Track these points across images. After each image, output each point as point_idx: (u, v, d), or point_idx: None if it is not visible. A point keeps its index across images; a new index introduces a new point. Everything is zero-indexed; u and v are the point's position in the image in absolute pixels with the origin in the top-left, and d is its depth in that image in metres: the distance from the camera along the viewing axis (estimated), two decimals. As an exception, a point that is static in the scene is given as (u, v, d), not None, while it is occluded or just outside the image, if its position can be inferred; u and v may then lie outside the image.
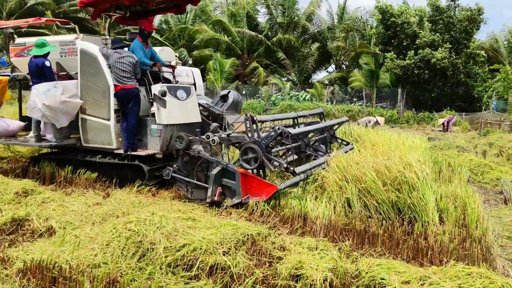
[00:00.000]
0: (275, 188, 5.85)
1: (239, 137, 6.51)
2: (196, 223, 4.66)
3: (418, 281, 3.51)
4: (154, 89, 7.00)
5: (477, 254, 4.34)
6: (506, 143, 14.51)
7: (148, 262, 3.92)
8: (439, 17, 28.62)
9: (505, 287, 3.27)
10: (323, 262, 3.81)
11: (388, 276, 3.60)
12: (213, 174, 6.08)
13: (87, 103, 7.31)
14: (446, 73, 27.86)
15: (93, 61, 7.15)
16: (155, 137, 7.11)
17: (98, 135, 7.29)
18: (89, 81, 7.24)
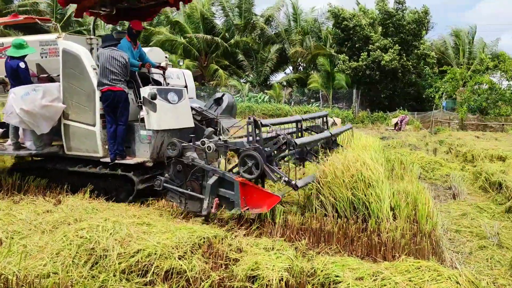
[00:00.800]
0: (278, 199, 5.31)
1: (238, 143, 5.85)
2: (151, 228, 4.58)
3: (371, 277, 3.59)
4: (143, 91, 6.53)
5: (427, 248, 4.49)
6: (455, 141, 15.15)
7: (101, 269, 3.81)
8: (389, 20, 29.55)
9: (452, 279, 3.40)
10: (279, 262, 3.84)
11: (342, 273, 3.67)
12: (210, 184, 5.48)
13: (70, 108, 6.78)
14: (397, 74, 28.79)
15: (77, 61, 6.62)
16: (144, 143, 6.63)
17: (82, 142, 6.78)
18: (72, 84, 6.72)
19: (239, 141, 5.92)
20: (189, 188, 5.76)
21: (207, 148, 5.68)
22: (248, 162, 5.44)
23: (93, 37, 7.47)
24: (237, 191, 5.36)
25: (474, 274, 3.64)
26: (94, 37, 7.46)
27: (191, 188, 5.75)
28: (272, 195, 5.36)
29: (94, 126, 6.62)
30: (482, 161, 10.47)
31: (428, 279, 3.47)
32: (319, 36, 35.89)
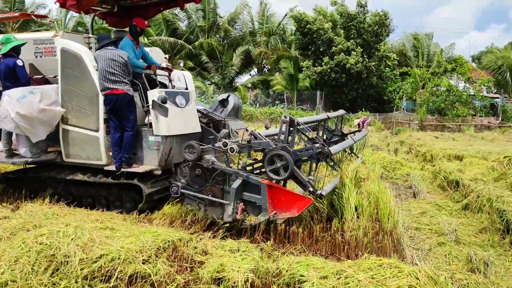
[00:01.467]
0: (310, 201, 4.95)
1: (263, 143, 5.41)
2: (115, 232, 4.49)
3: (335, 275, 3.65)
4: (152, 95, 6.05)
5: (388, 246, 4.62)
6: (415, 141, 15.61)
7: (62, 276, 3.71)
8: (351, 23, 30.15)
9: (412, 275, 3.51)
10: (245, 263, 3.85)
11: (307, 273, 3.71)
12: (234, 188, 5.11)
13: (70, 112, 6.32)
14: (361, 76, 29.41)
15: (78, 62, 6.17)
16: (152, 150, 6.15)
17: (83, 149, 6.31)
18: (73, 86, 6.26)
19: (264, 141, 5.46)
20: (209, 193, 5.40)
21: (230, 149, 5.33)
22: (277, 162, 5.11)
23: (91, 35, 7.05)
24: (264, 194, 5.01)
25: (433, 269, 3.76)
26: (92, 36, 7.01)
27: (212, 194, 5.39)
28: (303, 197, 5.03)
29: (97, 132, 6.19)
30: (440, 160, 10.84)
31: (390, 276, 3.56)
32: (283, 38, 36.22)
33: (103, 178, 6.30)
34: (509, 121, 26.67)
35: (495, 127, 24.91)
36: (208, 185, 5.39)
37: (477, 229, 5.84)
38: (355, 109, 29.79)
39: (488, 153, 10.90)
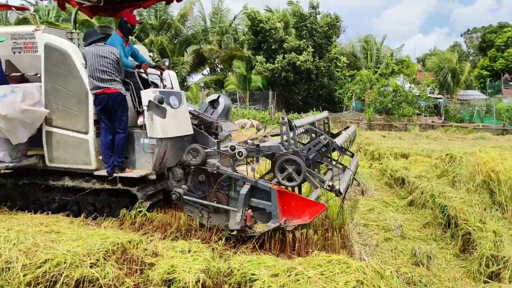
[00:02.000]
0: (323, 207, 4.72)
1: (273, 147, 5.18)
2: (61, 236, 4.35)
3: (286, 273, 3.71)
4: (146, 95, 5.74)
5: (337, 243, 4.74)
6: (364, 140, 16.06)
7: (3, 283, 3.54)
8: (303, 23, 30.64)
9: (359, 270, 3.62)
10: (196, 264, 3.83)
11: (258, 271, 3.74)
12: (243, 194, 4.84)
13: (55, 113, 5.86)
14: (311, 75, 29.94)
15: (64, 59, 5.73)
16: (146, 153, 5.83)
17: (70, 152, 5.86)
18: (58, 85, 5.80)
19: (274, 145, 5.24)
20: (214, 200, 5.09)
21: (238, 153, 5.03)
22: (288, 168, 4.92)
23: (74, 31, 6.53)
24: (275, 200, 4.76)
25: (379, 264, 3.90)
26: (75, 31, 6.51)
27: (216, 200, 5.08)
28: (316, 203, 4.80)
29: (86, 134, 5.75)
30: (387, 158, 11.22)
31: (339, 272, 3.66)
32: (235, 38, 36.25)
33: (96, 184, 5.88)
34: (451, 121, 28.00)
35: (438, 126, 26.10)
36: (213, 191, 5.09)
37: (421, 224, 6.09)
38: (307, 108, 30.28)
39: (431, 151, 11.39)
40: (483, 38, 46.08)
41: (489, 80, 40.55)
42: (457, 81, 35.05)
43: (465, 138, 20.38)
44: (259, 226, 4.91)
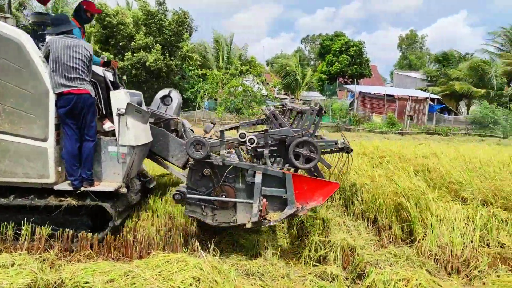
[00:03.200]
0: (337, 186, 4.74)
1: (283, 131, 5.13)
2: None
3: (122, 277, 3.59)
4: (117, 97, 4.97)
5: (179, 241, 4.75)
6: (214, 138, 16.39)
7: None
8: (151, 20, 30.06)
9: (197, 266, 3.68)
10: (20, 278, 3.48)
11: (92, 279, 3.55)
12: (259, 183, 4.60)
13: (0, 115, 4.70)
14: (161, 74, 29.59)
15: (16, 50, 4.61)
16: (114, 163, 5.03)
17: (19, 164, 4.76)
18: (5, 81, 4.65)
19: (284, 129, 5.16)
20: (222, 194, 4.73)
21: (249, 141, 4.79)
22: (303, 150, 4.92)
23: (9, 16, 5.22)
24: (290, 185, 4.63)
25: (218, 259, 4.01)
26: (10, 17, 5.20)
27: (225, 194, 4.73)
28: (330, 183, 4.75)
29: (44, 141, 4.75)
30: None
31: (176, 270, 3.66)
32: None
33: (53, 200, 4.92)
34: (295, 119, 30.26)
35: (284, 124, 28.00)
36: (219, 185, 4.74)
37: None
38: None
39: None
40: (322, 44, 50.72)
41: (326, 83, 44.82)
42: (300, 83, 38.02)
43: (307, 135, 22.19)
44: (273, 215, 4.69)
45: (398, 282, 3.72)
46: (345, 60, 45.87)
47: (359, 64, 46.67)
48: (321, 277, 4.42)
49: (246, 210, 4.80)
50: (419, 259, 4.87)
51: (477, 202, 5.92)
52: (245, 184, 4.77)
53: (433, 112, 34.79)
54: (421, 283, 3.67)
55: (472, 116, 33.63)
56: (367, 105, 34.07)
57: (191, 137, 4.77)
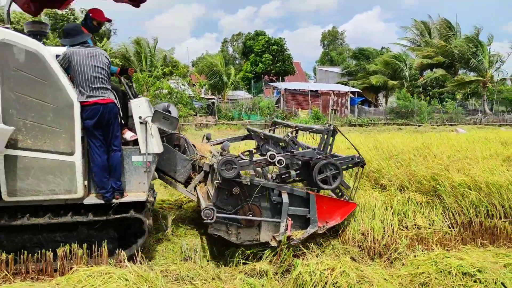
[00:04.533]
0: (354, 206, 5.19)
1: (307, 153, 5.21)
2: None
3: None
4: (139, 105, 4.93)
5: (105, 254, 4.56)
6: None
7: None
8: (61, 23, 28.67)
9: (121, 277, 3.56)
10: None
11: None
12: (286, 203, 4.81)
13: (22, 130, 4.41)
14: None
15: (36, 62, 4.38)
16: (139, 173, 4.95)
17: (44, 180, 4.51)
18: (25, 94, 4.38)
19: (308, 151, 5.29)
20: (249, 213, 4.83)
21: (278, 162, 4.86)
22: (327, 172, 5.06)
23: (9, 26, 4.76)
24: (313, 205, 4.93)
25: (144, 267, 3.91)
26: (9, 27, 4.71)
27: (252, 213, 4.85)
28: (347, 203, 5.18)
29: (71, 155, 4.56)
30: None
31: (100, 284, 3.53)
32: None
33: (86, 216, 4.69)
34: (223, 119, 30.29)
35: (212, 124, 27.93)
36: (248, 203, 4.85)
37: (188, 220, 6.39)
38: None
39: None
40: (244, 44, 51.16)
41: (252, 82, 45.33)
42: (226, 82, 38.11)
43: (236, 134, 22.32)
44: (295, 234, 4.89)
45: (324, 272, 3.84)
46: (268, 60, 46.62)
47: (282, 62, 47.64)
48: (251, 274, 4.46)
49: (269, 228, 4.96)
50: (344, 247, 5.07)
51: (395, 188, 6.26)
52: (270, 203, 4.94)
53: (354, 105, 36.37)
54: (345, 271, 3.83)
55: (390, 107, 35.63)
56: (292, 101, 34.88)
57: (222, 157, 4.79)
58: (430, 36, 43.37)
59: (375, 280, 3.84)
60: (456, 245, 5.36)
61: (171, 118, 5.00)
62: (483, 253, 4.84)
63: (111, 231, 4.87)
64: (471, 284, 3.84)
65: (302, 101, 35.15)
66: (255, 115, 31.15)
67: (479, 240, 5.49)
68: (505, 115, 34.78)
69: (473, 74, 38.54)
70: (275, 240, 4.84)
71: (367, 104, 39.42)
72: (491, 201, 6.08)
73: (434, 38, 42.57)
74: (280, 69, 47.14)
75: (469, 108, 39.59)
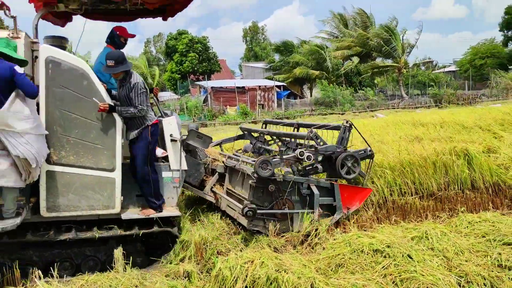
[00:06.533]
0: (370, 191, 5.89)
1: (329, 147, 5.79)
2: None
3: None
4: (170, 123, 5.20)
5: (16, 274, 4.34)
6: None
7: None
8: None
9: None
10: None
11: None
12: (318, 194, 5.41)
13: (64, 147, 4.58)
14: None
15: (82, 80, 4.57)
16: (169, 188, 5.23)
17: (84, 196, 4.68)
18: (69, 111, 4.55)
19: (331, 146, 5.84)
20: (284, 207, 5.38)
21: (306, 158, 5.44)
22: (348, 163, 5.67)
23: (37, 40, 4.91)
24: (338, 194, 5.51)
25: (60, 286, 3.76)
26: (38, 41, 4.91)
27: (286, 207, 5.39)
28: (364, 189, 5.83)
29: (112, 172, 4.74)
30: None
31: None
32: None
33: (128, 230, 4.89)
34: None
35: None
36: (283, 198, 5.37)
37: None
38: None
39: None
40: (166, 44, 50.27)
41: (179, 82, 44.74)
42: (151, 84, 37.36)
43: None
44: (323, 221, 5.39)
45: (243, 265, 3.92)
46: (193, 59, 46.22)
47: (208, 60, 47.44)
48: (175, 277, 4.45)
49: (300, 219, 5.43)
50: (268, 239, 5.19)
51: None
52: (300, 196, 5.44)
53: (281, 98, 37.14)
54: (264, 261, 3.93)
55: (315, 98, 36.76)
56: (220, 99, 34.93)
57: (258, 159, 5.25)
58: (347, 27, 45.24)
59: (294, 267, 3.98)
60: (372, 224, 5.68)
61: (204, 137, 5.62)
62: (395, 229, 5.16)
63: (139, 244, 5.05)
64: (381, 260, 4.10)
65: (229, 98, 35.31)
66: (183, 115, 30.81)
67: (392, 218, 5.85)
68: (420, 98, 37.10)
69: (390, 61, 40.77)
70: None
71: (293, 97, 40.39)
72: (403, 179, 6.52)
73: (351, 29, 44.47)
74: (206, 68, 46.93)
75: (388, 94, 41.82)
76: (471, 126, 9.90)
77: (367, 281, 3.82)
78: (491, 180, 6.77)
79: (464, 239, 4.68)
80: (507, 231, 4.67)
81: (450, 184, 6.68)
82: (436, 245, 4.45)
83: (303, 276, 3.81)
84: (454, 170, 6.70)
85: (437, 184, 6.60)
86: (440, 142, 8.05)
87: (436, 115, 12.77)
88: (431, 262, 4.08)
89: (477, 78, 44.04)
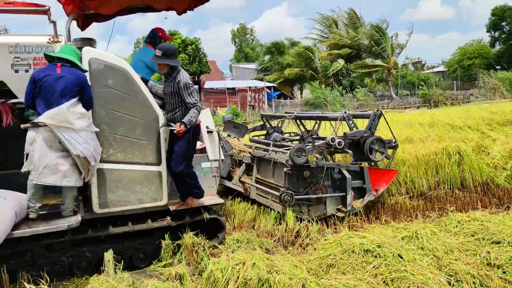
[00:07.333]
0: (395, 172, 6.15)
1: (356, 133, 6.15)
2: None
3: None
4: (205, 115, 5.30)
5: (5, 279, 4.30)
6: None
7: None
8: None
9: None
10: None
11: None
12: (350, 178, 5.69)
13: (112, 145, 4.68)
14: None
15: (125, 80, 4.68)
16: (208, 178, 5.44)
17: (133, 191, 4.81)
18: (115, 110, 4.65)
19: (357, 131, 6.18)
20: (319, 191, 5.64)
21: (338, 144, 5.71)
22: (375, 146, 5.99)
23: (70, 42, 4.91)
24: (367, 176, 5.79)
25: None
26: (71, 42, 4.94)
27: (321, 191, 5.66)
28: (390, 171, 6.10)
29: (158, 165, 4.92)
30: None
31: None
32: None
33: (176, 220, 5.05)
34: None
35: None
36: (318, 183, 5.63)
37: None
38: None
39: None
40: (159, 45, 49.91)
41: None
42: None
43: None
44: (355, 203, 5.76)
45: (235, 267, 3.91)
46: (184, 60, 46.10)
47: (198, 62, 47.34)
48: (167, 279, 4.43)
49: (333, 202, 5.77)
50: (259, 239, 5.19)
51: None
52: (332, 180, 5.72)
53: (271, 99, 37.20)
54: (255, 263, 3.93)
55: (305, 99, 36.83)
56: (210, 100, 34.88)
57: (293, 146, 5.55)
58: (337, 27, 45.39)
59: (285, 267, 3.98)
60: (363, 224, 5.70)
61: (240, 127, 6.00)
62: (386, 229, 5.19)
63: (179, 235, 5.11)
64: (372, 259, 4.12)
65: (220, 99, 35.28)
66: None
67: (383, 218, 5.88)
68: (409, 98, 37.34)
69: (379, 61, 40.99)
70: (342, 211, 5.72)
71: (283, 98, 40.44)
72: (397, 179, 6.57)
73: (340, 29, 44.63)
74: (196, 70, 46.79)
75: (377, 94, 42.03)
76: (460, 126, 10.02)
77: (358, 281, 3.84)
78: (480, 180, 6.85)
79: (454, 238, 4.73)
80: (495, 230, 4.73)
81: (440, 184, 6.74)
82: (426, 244, 4.50)
83: (295, 277, 3.81)
84: (445, 170, 6.77)
85: (428, 184, 6.66)
86: (433, 141, 8.14)
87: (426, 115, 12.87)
88: (421, 261, 4.11)
89: (465, 78, 44.45)
